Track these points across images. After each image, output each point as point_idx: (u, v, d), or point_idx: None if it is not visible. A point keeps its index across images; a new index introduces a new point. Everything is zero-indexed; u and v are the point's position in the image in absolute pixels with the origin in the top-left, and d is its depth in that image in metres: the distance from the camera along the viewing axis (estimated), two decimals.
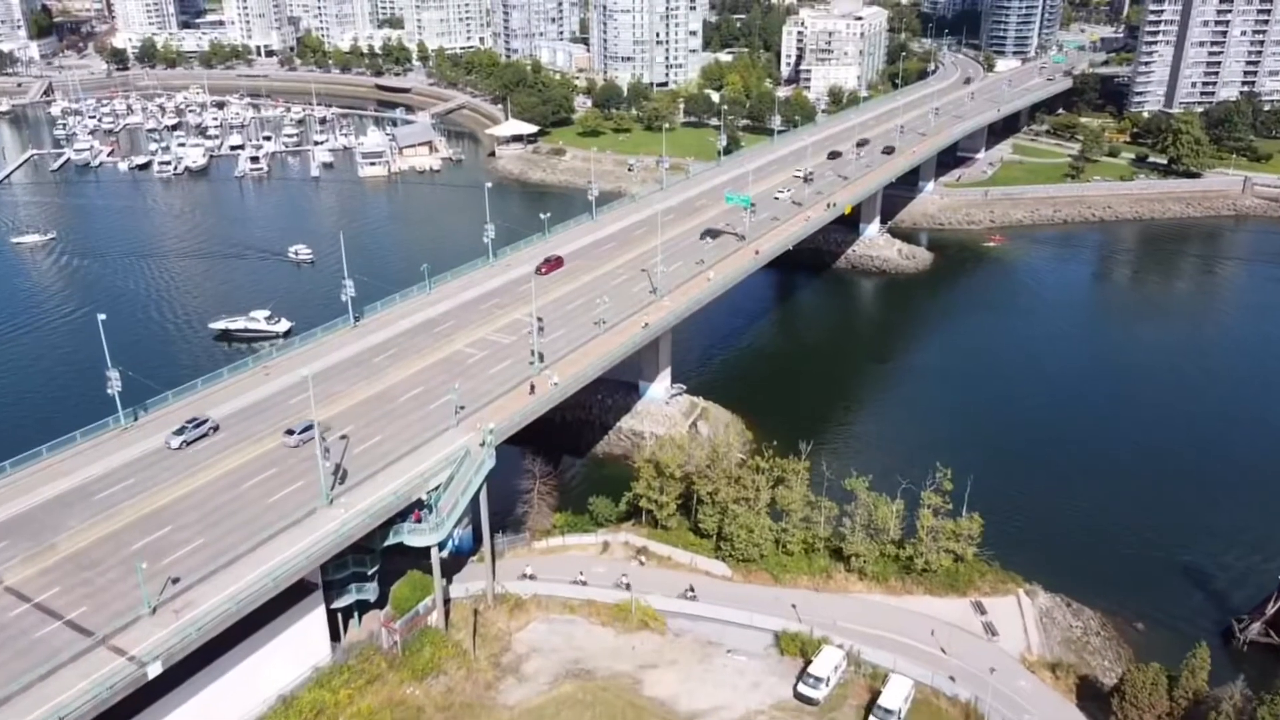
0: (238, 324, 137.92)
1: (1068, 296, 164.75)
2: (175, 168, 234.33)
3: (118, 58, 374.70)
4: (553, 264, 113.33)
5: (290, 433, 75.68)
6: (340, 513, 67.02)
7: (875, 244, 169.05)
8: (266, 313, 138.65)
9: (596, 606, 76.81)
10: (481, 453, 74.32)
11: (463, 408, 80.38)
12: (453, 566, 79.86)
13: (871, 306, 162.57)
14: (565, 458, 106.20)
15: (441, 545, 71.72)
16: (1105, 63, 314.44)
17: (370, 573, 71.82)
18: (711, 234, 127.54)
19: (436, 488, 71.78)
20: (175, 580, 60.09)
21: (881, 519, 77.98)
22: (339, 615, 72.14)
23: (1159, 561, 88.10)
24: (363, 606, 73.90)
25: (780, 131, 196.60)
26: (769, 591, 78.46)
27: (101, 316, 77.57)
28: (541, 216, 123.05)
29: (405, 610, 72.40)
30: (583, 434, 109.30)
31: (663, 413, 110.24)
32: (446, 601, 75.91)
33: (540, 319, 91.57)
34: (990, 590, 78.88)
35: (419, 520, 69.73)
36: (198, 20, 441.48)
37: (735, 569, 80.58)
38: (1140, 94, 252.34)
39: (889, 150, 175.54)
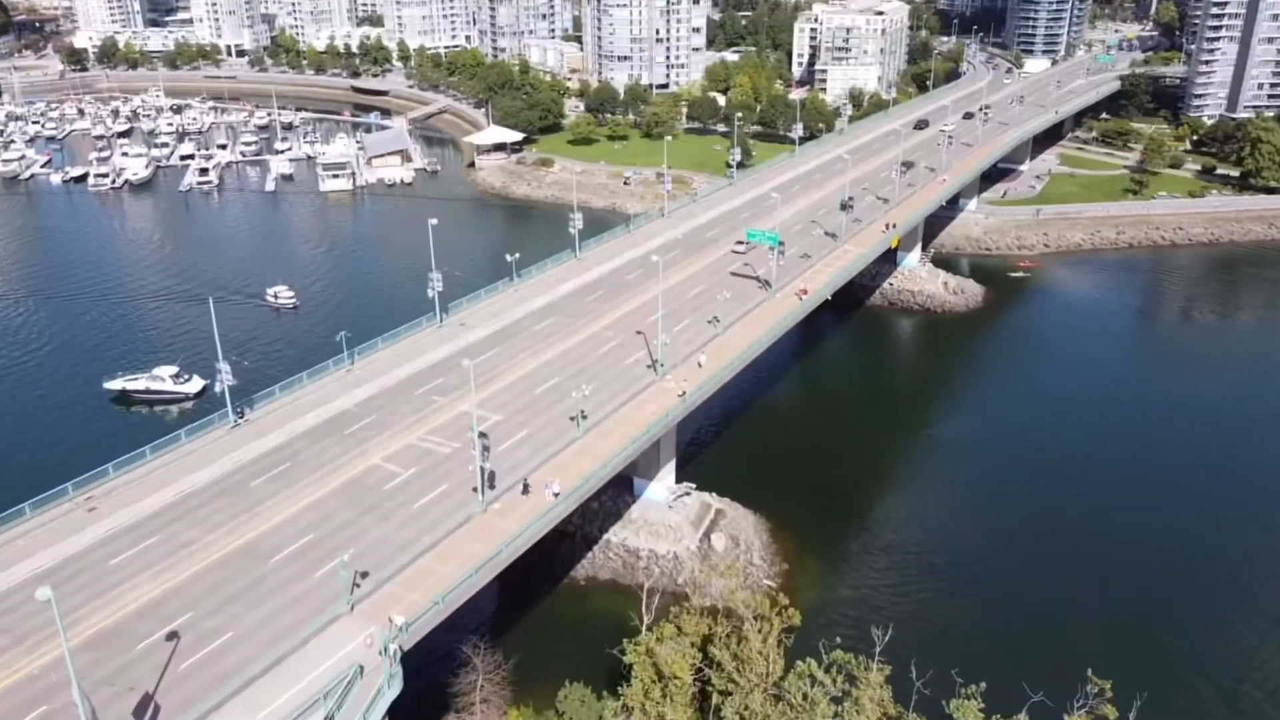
0: (138, 383, 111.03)
1: (1155, 342, 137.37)
2: (113, 181, 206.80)
3: (75, 58, 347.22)
4: None
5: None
6: None
7: (916, 276, 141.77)
8: (173, 369, 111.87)
9: None
10: (381, 670, 47.27)
11: (365, 576, 53.45)
12: None
13: (917, 355, 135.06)
14: (533, 584, 78.95)
15: None
16: (1146, 62, 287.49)
17: None
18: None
19: None
20: None
21: None
22: None
23: None
24: None
25: (803, 140, 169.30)
26: None
27: None
28: (509, 258, 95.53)
29: None
30: (558, 551, 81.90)
31: (665, 521, 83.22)
32: None
33: (484, 435, 64.25)
34: None
35: None
36: (167, 18, 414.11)
37: None
38: (1200, 97, 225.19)
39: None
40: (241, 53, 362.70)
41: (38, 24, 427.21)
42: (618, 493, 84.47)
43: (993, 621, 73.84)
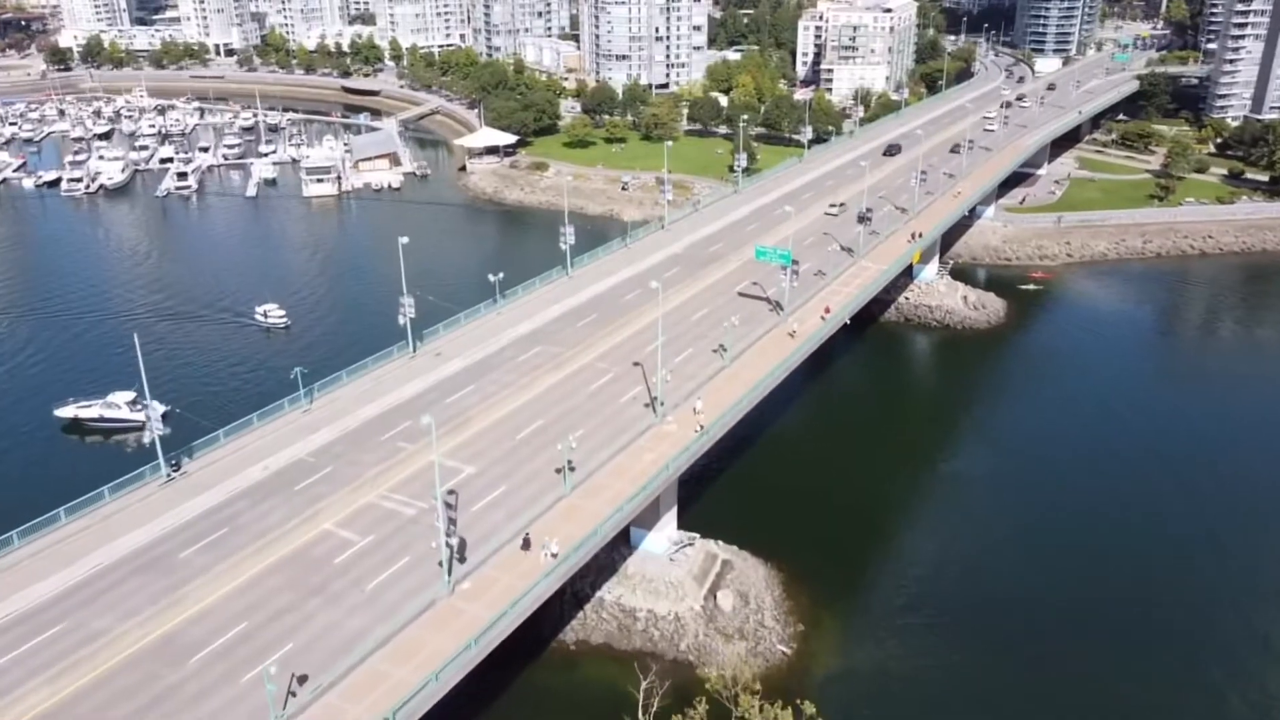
0: (91, 411, 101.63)
1: (1194, 359, 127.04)
2: (87, 185, 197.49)
3: (59, 57, 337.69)
4: None
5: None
6: None
7: (934, 290, 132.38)
8: (129, 396, 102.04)
9: None
10: None
11: (303, 681, 44.18)
12: None
13: (938, 376, 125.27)
14: (515, 648, 69.00)
15: None
16: (1161, 61, 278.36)
17: None
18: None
19: None
20: None
21: None
22: None
23: None
24: None
25: (811, 143, 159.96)
26: None
27: None
28: (492, 278, 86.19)
29: None
30: (545, 609, 72.25)
31: (665, 576, 73.89)
32: None
33: (451, 501, 55.03)
34: None
35: None
36: (155, 17, 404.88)
37: None
38: (1223, 97, 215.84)
39: None
40: (230, 52, 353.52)
41: (23, 22, 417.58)
42: (613, 544, 74.68)
43: (1051, 706, 64.09)
